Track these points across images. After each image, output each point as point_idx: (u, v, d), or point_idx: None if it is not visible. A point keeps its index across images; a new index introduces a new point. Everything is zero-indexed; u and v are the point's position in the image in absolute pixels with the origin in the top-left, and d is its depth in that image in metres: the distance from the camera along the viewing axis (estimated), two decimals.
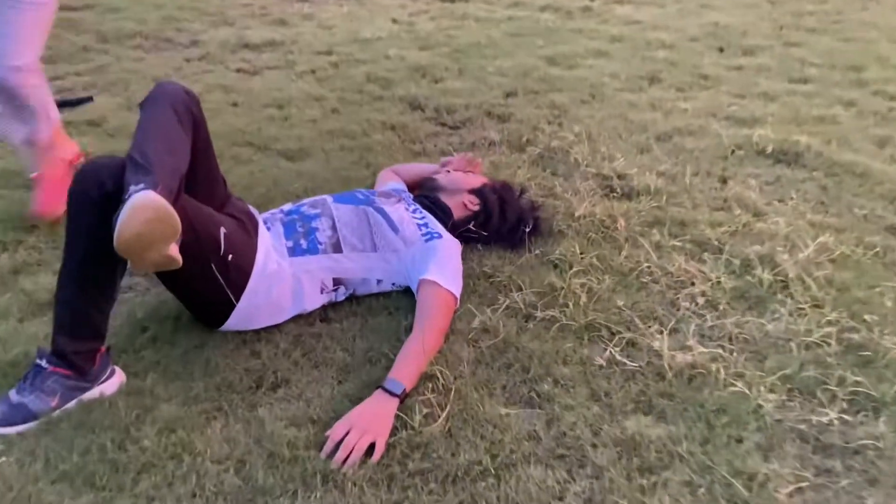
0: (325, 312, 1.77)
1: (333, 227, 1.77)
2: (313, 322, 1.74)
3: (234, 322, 1.67)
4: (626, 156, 2.54)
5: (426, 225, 1.85)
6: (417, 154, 2.67)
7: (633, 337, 1.62)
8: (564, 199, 2.22)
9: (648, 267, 1.87)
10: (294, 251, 1.72)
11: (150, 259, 1.33)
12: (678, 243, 1.98)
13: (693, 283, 1.81)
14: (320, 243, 1.74)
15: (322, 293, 1.75)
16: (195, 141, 1.56)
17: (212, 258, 1.56)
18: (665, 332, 1.63)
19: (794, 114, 2.89)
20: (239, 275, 1.62)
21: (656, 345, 1.60)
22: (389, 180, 2.24)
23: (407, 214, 1.85)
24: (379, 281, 1.81)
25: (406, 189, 2.21)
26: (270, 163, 2.60)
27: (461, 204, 1.99)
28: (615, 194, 2.28)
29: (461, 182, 2.01)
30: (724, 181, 2.36)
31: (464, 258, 1.86)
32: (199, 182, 1.63)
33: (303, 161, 2.62)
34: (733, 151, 2.55)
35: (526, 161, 2.55)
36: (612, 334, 1.64)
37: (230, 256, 1.59)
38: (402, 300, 1.80)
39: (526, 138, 2.74)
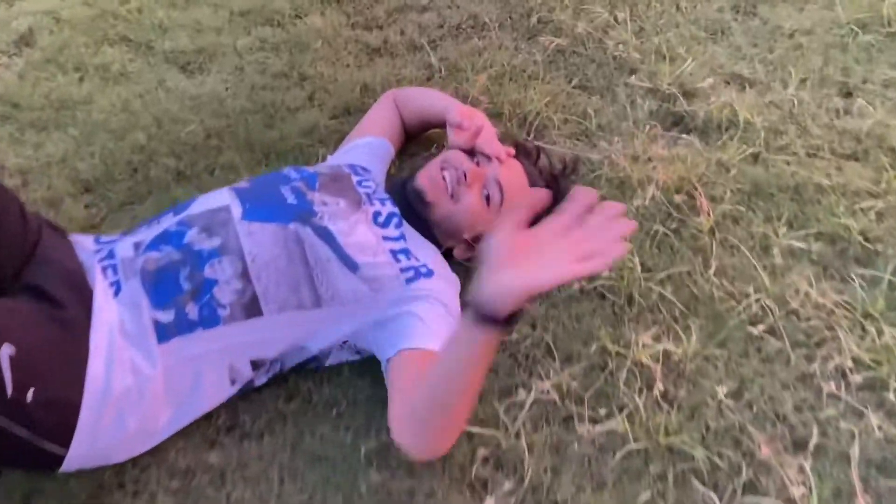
0: (234, 410, 1.08)
1: (244, 275, 1.01)
2: (213, 440, 1.05)
3: (73, 465, 0.98)
4: (690, 49, 1.67)
5: (406, 252, 1.09)
6: (375, 51, 1.78)
7: (752, 477, 0.95)
8: (607, 155, 1.40)
9: (758, 300, 1.14)
10: (172, 329, 0.98)
11: None
12: (799, 243, 1.23)
13: (835, 336, 1.10)
14: (222, 306, 1.00)
15: (233, 384, 1.05)
16: None
17: None
18: (806, 464, 0.96)
19: None
20: (56, 413, 0.92)
21: (795, 494, 0.93)
22: (376, 126, 1.37)
23: (372, 232, 1.08)
24: (321, 352, 1.09)
25: (389, 144, 1.35)
26: (154, 78, 1.72)
27: (452, 248, 1.20)
28: (684, 135, 1.46)
29: (463, 224, 1.15)
30: (847, 94, 1.53)
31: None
32: None
33: (204, 73, 1.74)
34: (855, 35, 1.68)
35: (540, 62, 1.68)
36: (714, 467, 0.97)
37: (31, 392, 0.87)
38: (362, 379, 1.10)
39: (536, 17, 1.82)
